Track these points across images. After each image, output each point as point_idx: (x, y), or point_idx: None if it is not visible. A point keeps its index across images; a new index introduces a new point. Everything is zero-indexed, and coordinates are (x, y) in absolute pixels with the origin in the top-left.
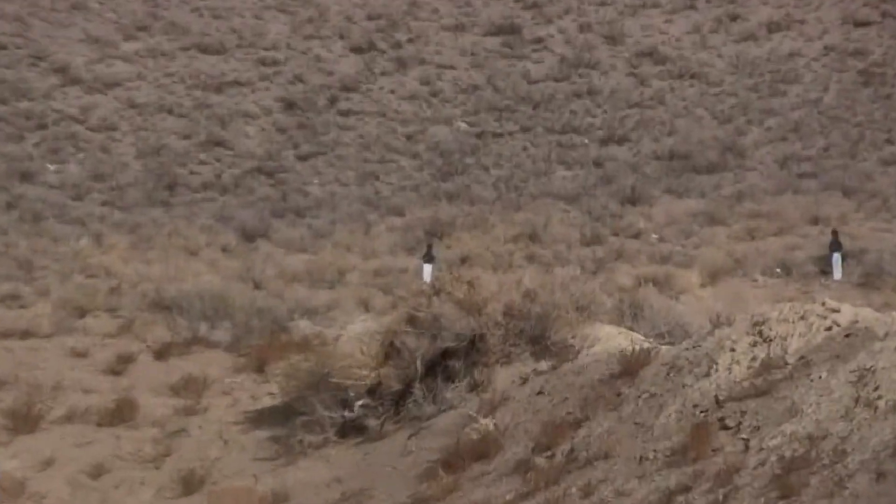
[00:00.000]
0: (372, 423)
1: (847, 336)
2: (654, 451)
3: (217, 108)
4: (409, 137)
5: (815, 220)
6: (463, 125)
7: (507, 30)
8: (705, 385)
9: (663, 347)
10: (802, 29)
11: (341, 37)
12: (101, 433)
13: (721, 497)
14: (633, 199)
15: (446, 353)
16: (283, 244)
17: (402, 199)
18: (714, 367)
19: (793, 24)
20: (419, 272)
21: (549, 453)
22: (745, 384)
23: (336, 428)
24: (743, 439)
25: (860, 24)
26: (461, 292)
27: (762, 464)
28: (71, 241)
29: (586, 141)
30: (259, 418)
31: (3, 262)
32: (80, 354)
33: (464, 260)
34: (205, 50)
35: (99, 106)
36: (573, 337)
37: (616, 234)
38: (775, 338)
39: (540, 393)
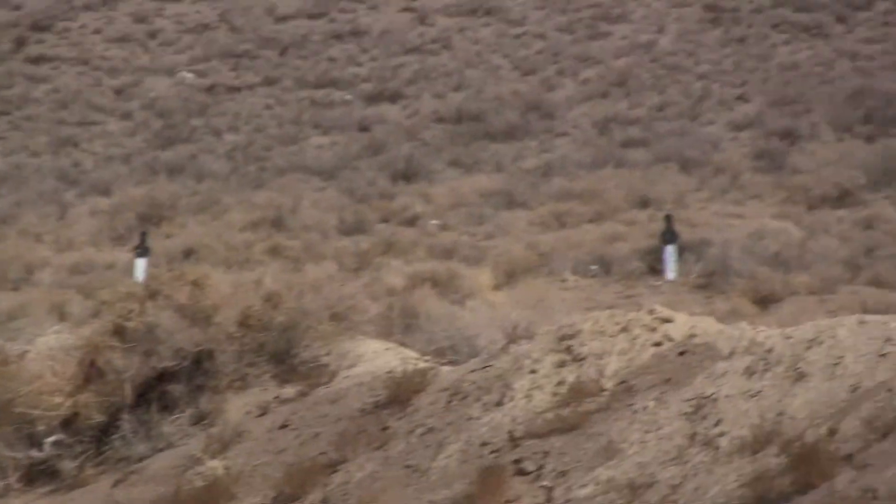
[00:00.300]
0: (67, 465)
1: (681, 354)
2: (431, 502)
3: None
4: (118, 92)
5: (643, 203)
6: (188, 76)
7: None
8: (497, 417)
9: (444, 368)
10: None
11: None
12: None
13: None
14: (407, 175)
15: (164, 376)
16: None
17: (109, 174)
18: (509, 393)
19: None
20: (130, 269)
21: None
22: (549, 416)
23: (20, 472)
24: (545, 487)
25: None
26: (184, 295)
27: None
28: None
29: (349, 97)
30: None
31: None
32: None
33: (188, 253)
34: None
35: None
36: (327, 354)
37: (385, 221)
38: (588, 356)
39: (284, 427)
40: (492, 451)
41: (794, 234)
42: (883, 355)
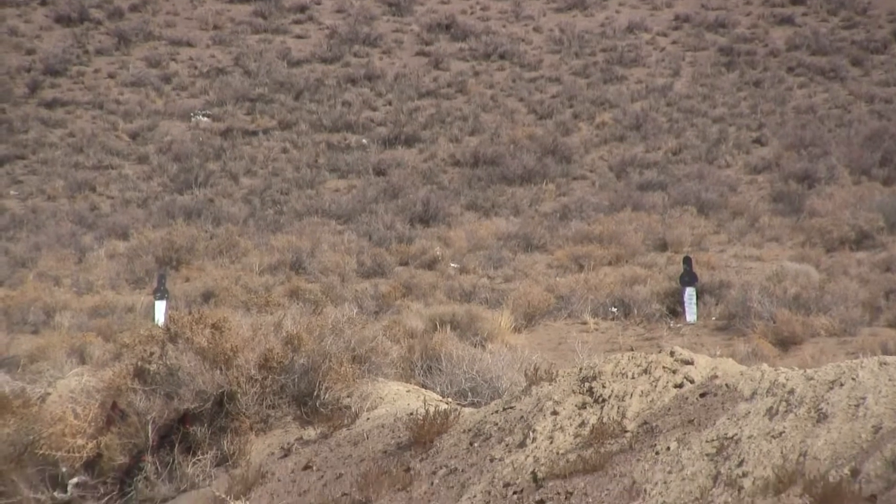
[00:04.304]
0: None
1: (703, 395)
2: None
3: None
4: (134, 136)
5: (662, 245)
6: (204, 120)
7: None
8: (520, 458)
9: (466, 410)
10: None
11: (43, 2)
12: None
13: None
14: (425, 218)
15: (186, 417)
16: None
17: (126, 217)
18: (531, 435)
19: None
20: (150, 311)
21: None
22: (572, 457)
23: None
24: None
25: None
26: (204, 338)
27: None
28: None
29: (365, 141)
30: None
31: None
32: None
33: (207, 296)
34: None
35: None
36: (349, 396)
37: (404, 264)
38: (610, 397)
39: (307, 468)
40: (515, 493)
41: (813, 276)
42: None
